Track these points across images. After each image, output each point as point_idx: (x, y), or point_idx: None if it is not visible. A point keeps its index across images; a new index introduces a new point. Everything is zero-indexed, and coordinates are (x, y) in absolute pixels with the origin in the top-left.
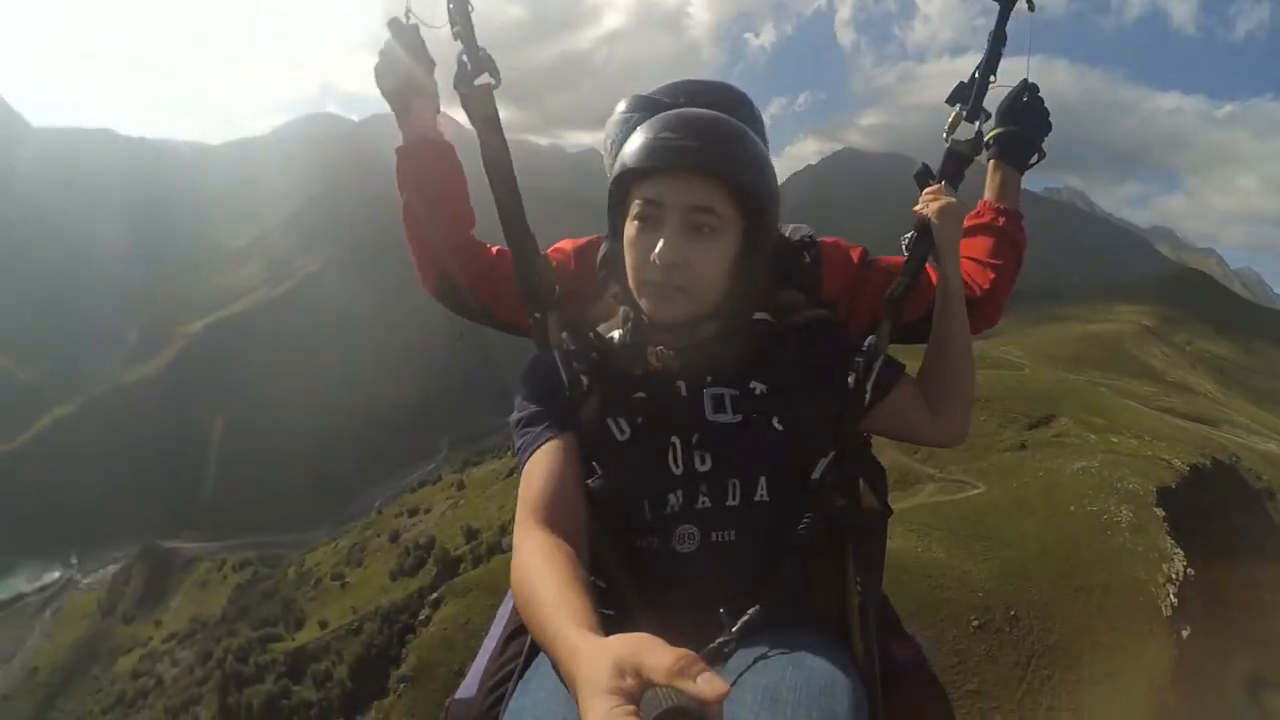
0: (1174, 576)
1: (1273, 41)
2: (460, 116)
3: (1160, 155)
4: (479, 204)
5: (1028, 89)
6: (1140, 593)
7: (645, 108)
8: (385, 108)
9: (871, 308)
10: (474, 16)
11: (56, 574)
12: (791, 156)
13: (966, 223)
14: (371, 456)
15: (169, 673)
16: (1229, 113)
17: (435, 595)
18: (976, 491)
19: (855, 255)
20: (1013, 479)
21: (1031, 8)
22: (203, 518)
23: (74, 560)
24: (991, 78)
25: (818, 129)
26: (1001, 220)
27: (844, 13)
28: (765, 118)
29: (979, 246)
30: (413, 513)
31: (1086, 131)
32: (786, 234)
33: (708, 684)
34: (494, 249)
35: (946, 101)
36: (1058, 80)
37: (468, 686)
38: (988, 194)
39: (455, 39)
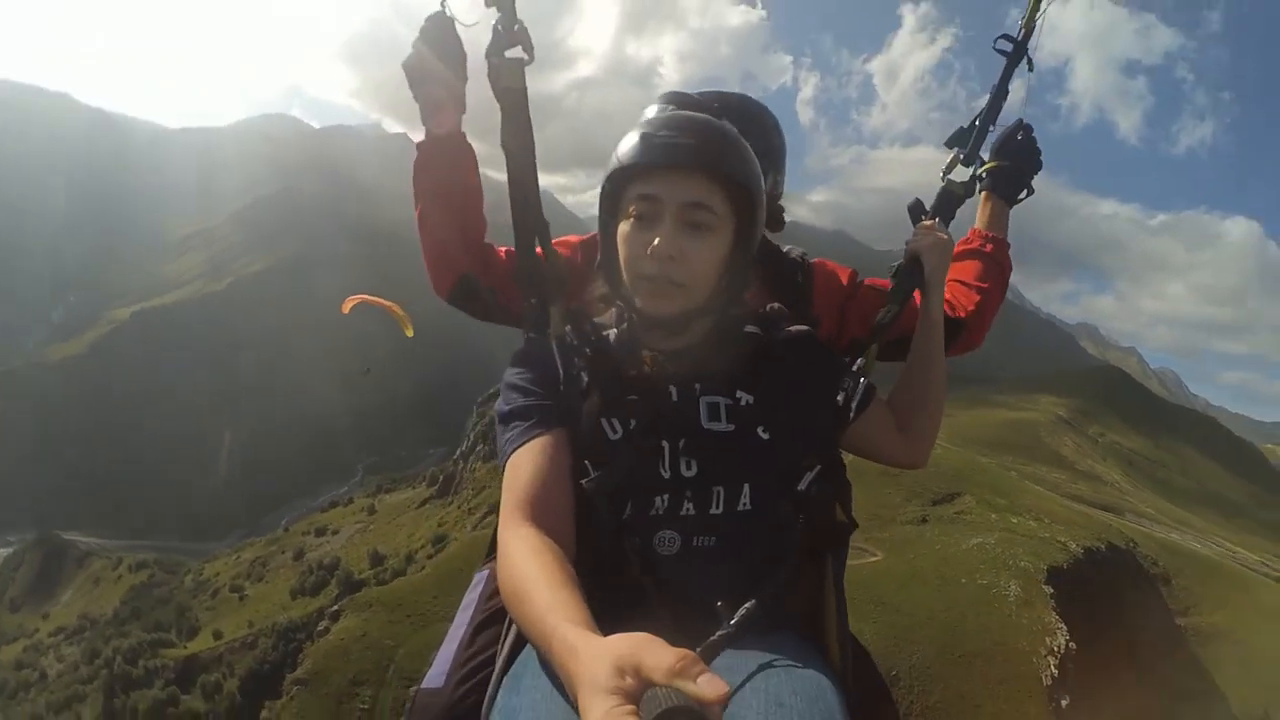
0: (1056, 649)
1: (1211, 158)
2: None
3: (1095, 257)
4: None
5: (1023, 128)
6: (1022, 663)
7: (678, 100)
8: (349, 119)
9: (857, 326)
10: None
11: None
12: None
13: (956, 249)
14: (285, 471)
15: (54, 667)
16: (1163, 222)
17: (335, 608)
18: (874, 559)
19: (844, 276)
20: (910, 550)
21: (1031, 68)
22: (104, 513)
23: None
24: (991, 126)
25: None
26: (990, 247)
27: (807, 92)
28: None
29: (967, 270)
30: (320, 532)
31: (1029, 230)
32: (785, 251)
33: (708, 684)
34: (503, 250)
35: (945, 144)
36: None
37: (434, 676)
38: (978, 223)
39: (489, 6)
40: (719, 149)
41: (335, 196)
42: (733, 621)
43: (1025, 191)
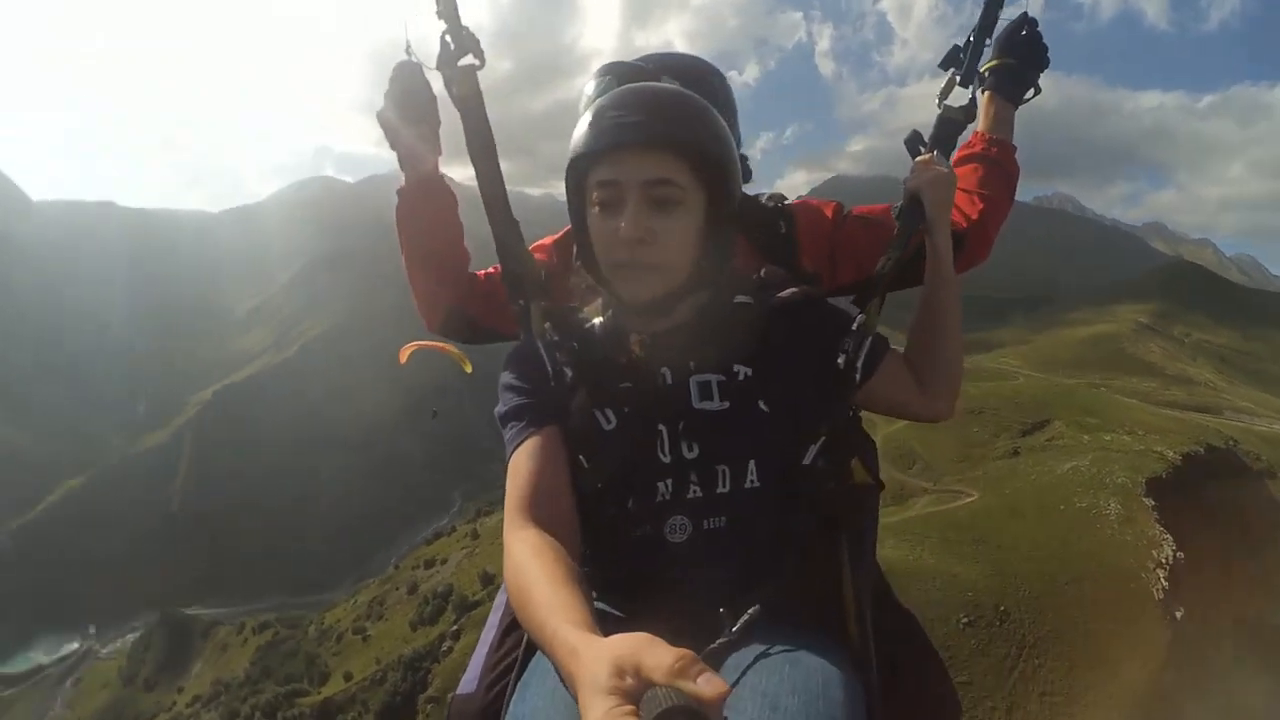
0: (1164, 561)
1: (1247, 28)
2: (457, 173)
3: (1146, 152)
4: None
5: (1026, 23)
6: (1131, 580)
7: (616, 71)
8: (381, 168)
9: (849, 265)
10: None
11: (75, 645)
12: (782, 189)
13: (958, 153)
14: (386, 514)
15: None
16: (1210, 103)
17: (455, 628)
18: (969, 500)
19: (829, 212)
20: (1005, 485)
21: None
22: (220, 583)
23: (92, 630)
24: (986, 41)
25: (807, 160)
26: (994, 150)
27: (823, 44)
28: (755, 153)
29: (968, 176)
30: (429, 564)
31: (1069, 137)
32: (762, 200)
33: (708, 684)
34: (482, 273)
35: (940, 66)
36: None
37: (468, 681)
38: (981, 125)
39: (439, 18)
40: (670, 118)
41: (381, 245)
42: (734, 629)
43: (1031, 90)
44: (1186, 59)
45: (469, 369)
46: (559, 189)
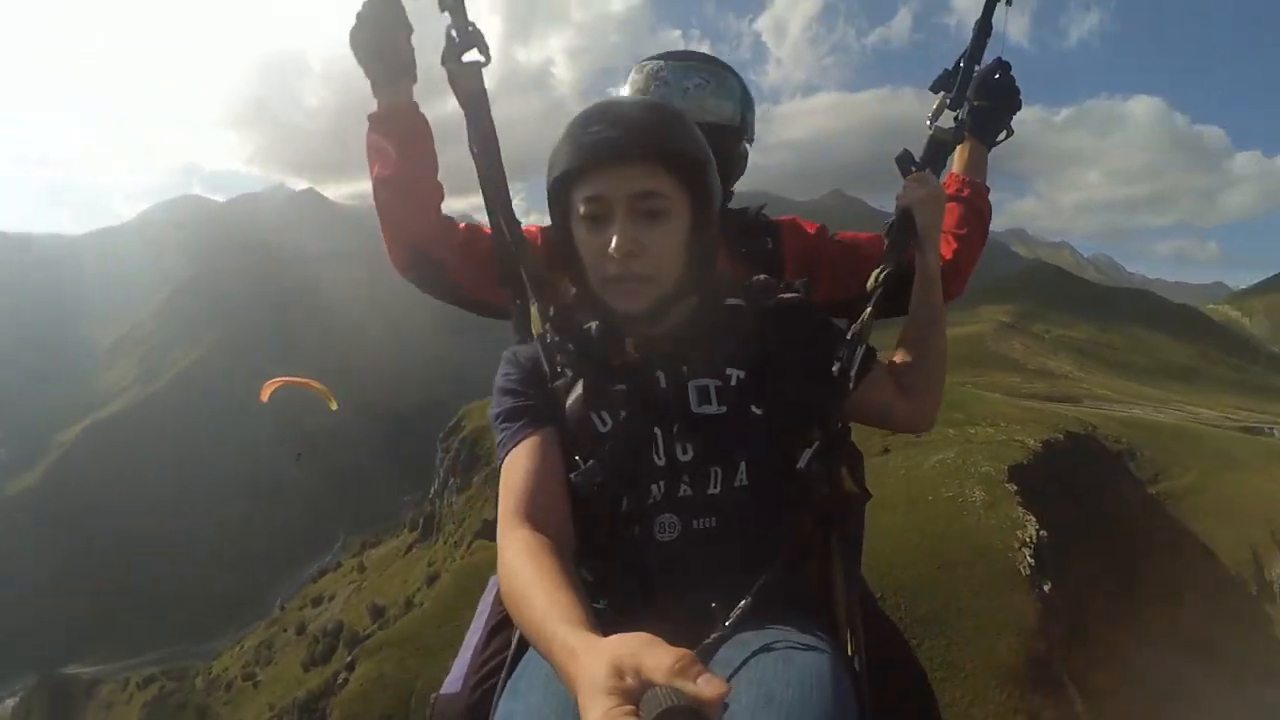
0: (1029, 540)
1: (1103, 44)
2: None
3: (1008, 164)
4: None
5: (1000, 67)
6: (998, 560)
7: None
8: (253, 187)
9: (827, 284)
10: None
11: None
12: None
13: None
14: (266, 554)
15: None
16: (1067, 116)
17: (350, 658)
18: None
19: (812, 231)
20: (876, 481)
21: (1009, 1)
22: (99, 637)
23: None
24: (976, 66)
25: None
26: (967, 191)
27: None
28: None
29: (946, 217)
30: (316, 602)
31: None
32: (751, 214)
33: (707, 684)
34: (463, 224)
35: (930, 89)
36: (906, 106)
37: (453, 681)
38: (956, 167)
39: (443, 11)
40: (650, 129)
41: (253, 267)
42: (727, 623)
43: (1004, 133)
44: (1046, 75)
45: (334, 406)
46: (462, 202)
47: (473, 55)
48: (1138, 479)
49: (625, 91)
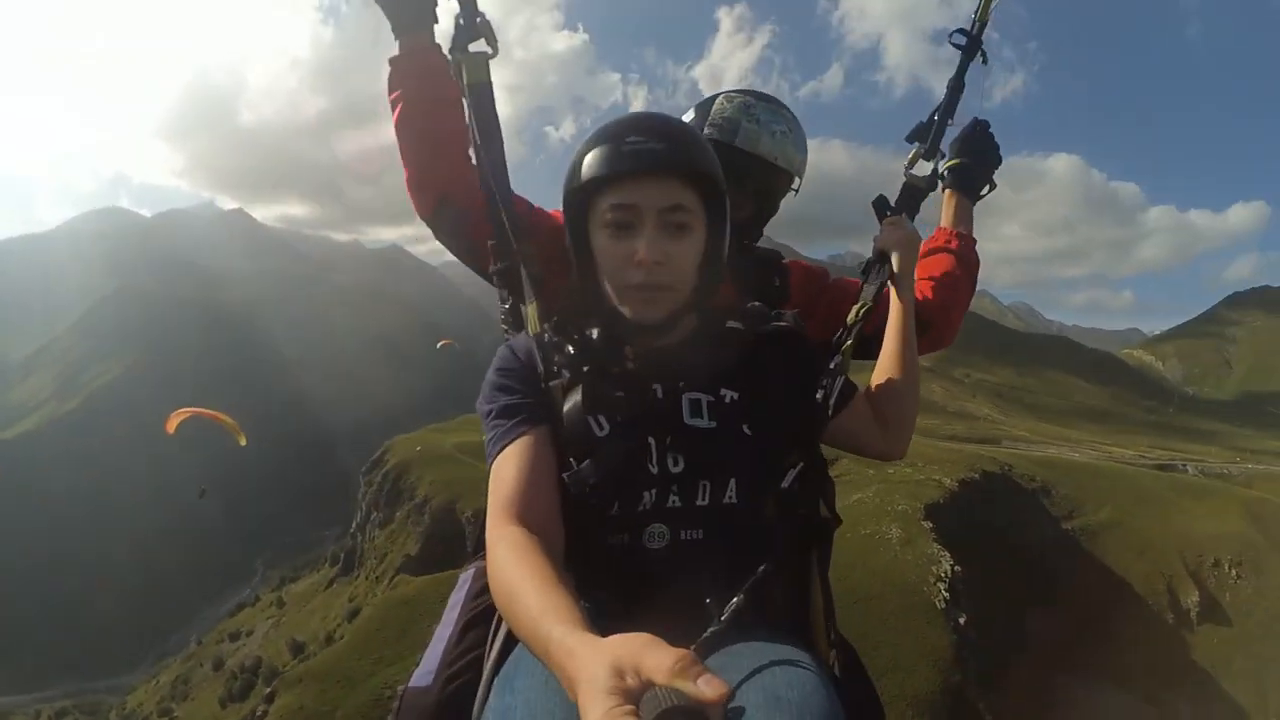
0: (943, 575)
1: (1025, 104)
2: None
3: (931, 215)
4: None
5: (979, 125)
6: (914, 594)
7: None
8: (181, 203)
9: (823, 325)
10: None
11: None
12: None
13: (923, 247)
14: (182, 585)
15: None
16: None
17: (269, 690)
18: None
19: (815, 275)
20: None
21: (985, 61)
22: (5, 667)
23: None
24: (950, 120)
25: None
26: (955, 243)
27: (637, 104)
28: None
29: (935, 268)
30: (234, 637)
31: (862, 200)
32: (762, 251)
33: (708, 685)
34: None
35: (906, 139)
36: (835, 158)
37: (423, 675)
38: (944, 221)
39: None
40: (688, 147)
41: (177, 285)
42: (722, 617)
43: (987, 187)
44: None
45: (243, 441)
46: (367, 234)
47: (480, 46)
48: (1053, 515)
49: (690, 117)
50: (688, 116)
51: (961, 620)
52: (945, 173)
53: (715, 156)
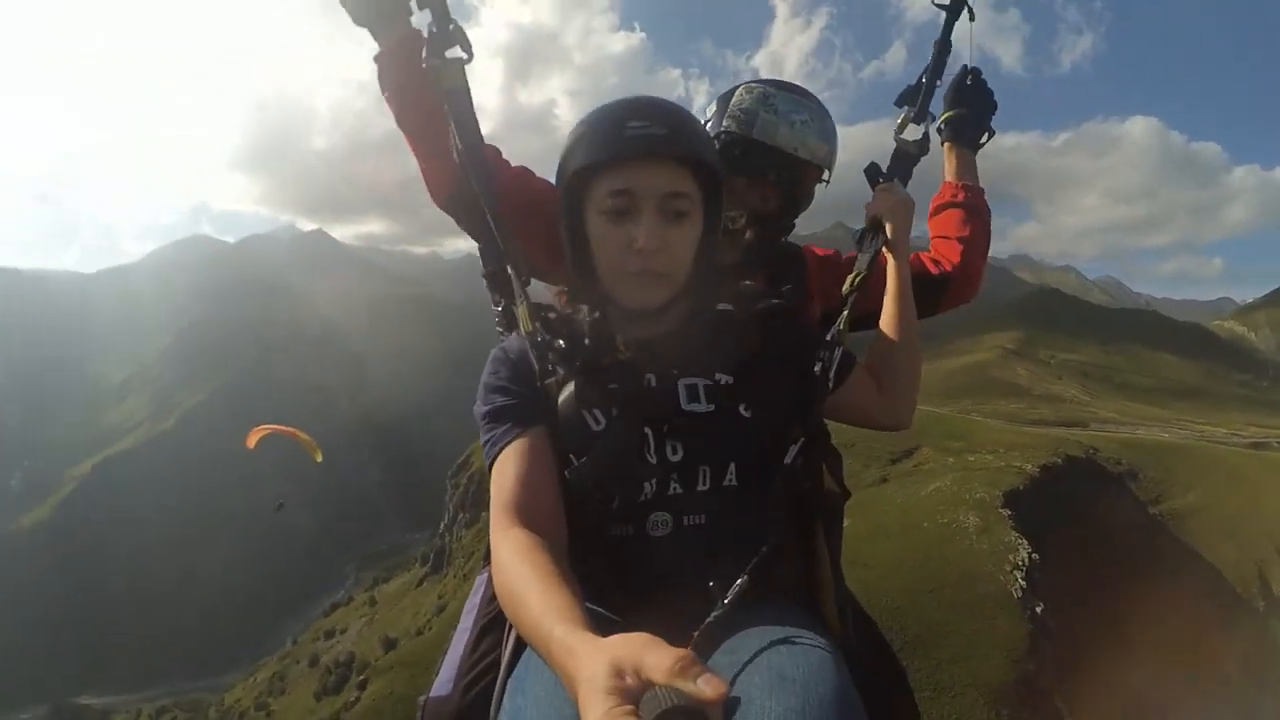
0: (1020, 564)
1: (1095, 68)
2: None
3: (1007, 189)
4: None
5: (970, 73)
6: (989, 583)
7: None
8: (261, 228)
9: (835, 299)
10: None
11: None
12: None
13: (932, 204)
14: (278, 589)
15: None
16: (1065, 140)
17: (362, 678)
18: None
19: (826, 254)
20: (873, 509)
21: (972, 17)
22: (110, 669)
23: None
24: (937, 81)
25: None
26: (963, 195)
27: (700, 99)
28: None
29: (946, 223)
30: (329, 635)
31: (933, 179)
32: (787, 244)
33: (708, 684)
34: (515, 166)
35: (895, 104)
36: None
37: (442, 684)
38: (947, 175)
39: (421, 9)
40: (689, 135)
41: (262, 308)
42: (725, 600)
43: (986, 135)
44: (1041, 100)
45: (319, 459)
46: (444, 246)
47: (455, 52)
48: (1139, 500)
49: (712, 109)
50: (711, 109)
51: (1038, 609)
52: (942, 126)
53: (714, 147)
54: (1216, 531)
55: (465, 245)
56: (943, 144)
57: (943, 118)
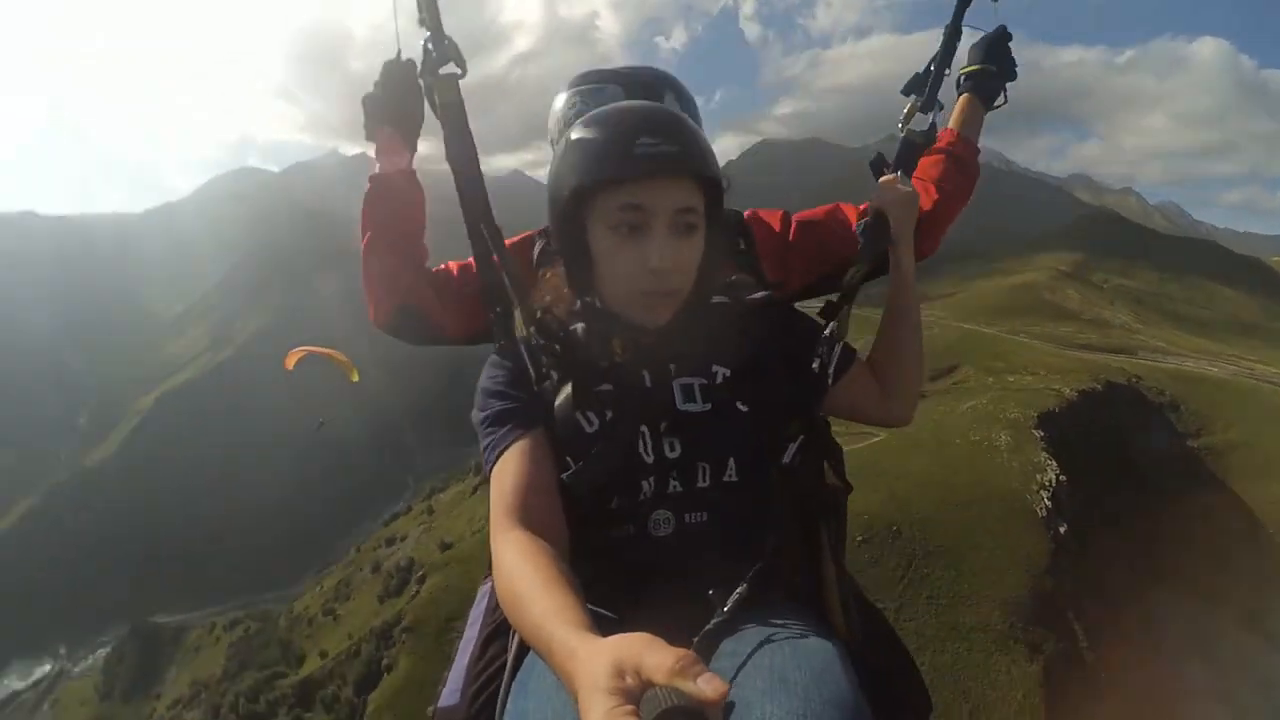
0: (1047, 484)
1: None
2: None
3: (1069, 106)
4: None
5: (1004, 32)
6: (1015, 500)
7: (588, 94)
8: (305, 155)
9: (803, 270)
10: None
11: (47, 667)
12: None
13: None
14: (341, 505)
15: None
16: (1130, 58)
17: (421, 573)
18: (875, 439)
19: (778, 224)
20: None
21: None
22: (185, 590)
23: (62, 651)
24: (946, 70)
25: (735, 124)
26: (959, 148)
27: (748, 8)
28: None
29: (931, 169)
30: (389, 543)
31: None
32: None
33: (708, 684)
34: (438, 268)
35: (901, 92)
36: (965, 47)
37: (450, 693)
38: (951, 122)
39: (421, 25)
40: (699, 150)
41: (312, 235)
42: (725, 608)
43: (1002, 97)
44: (1107, 14)
45: (355, 378)
46: (488, 164)
47: (449, 68)
48: (1179, 432)
49: (561, 118)
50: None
51: (1061, 529)
52: (963, 78)
53: (714, 154)
54: (1255, 469)
55: (509, 162)
56: (959, 95)
57: (966, 69)
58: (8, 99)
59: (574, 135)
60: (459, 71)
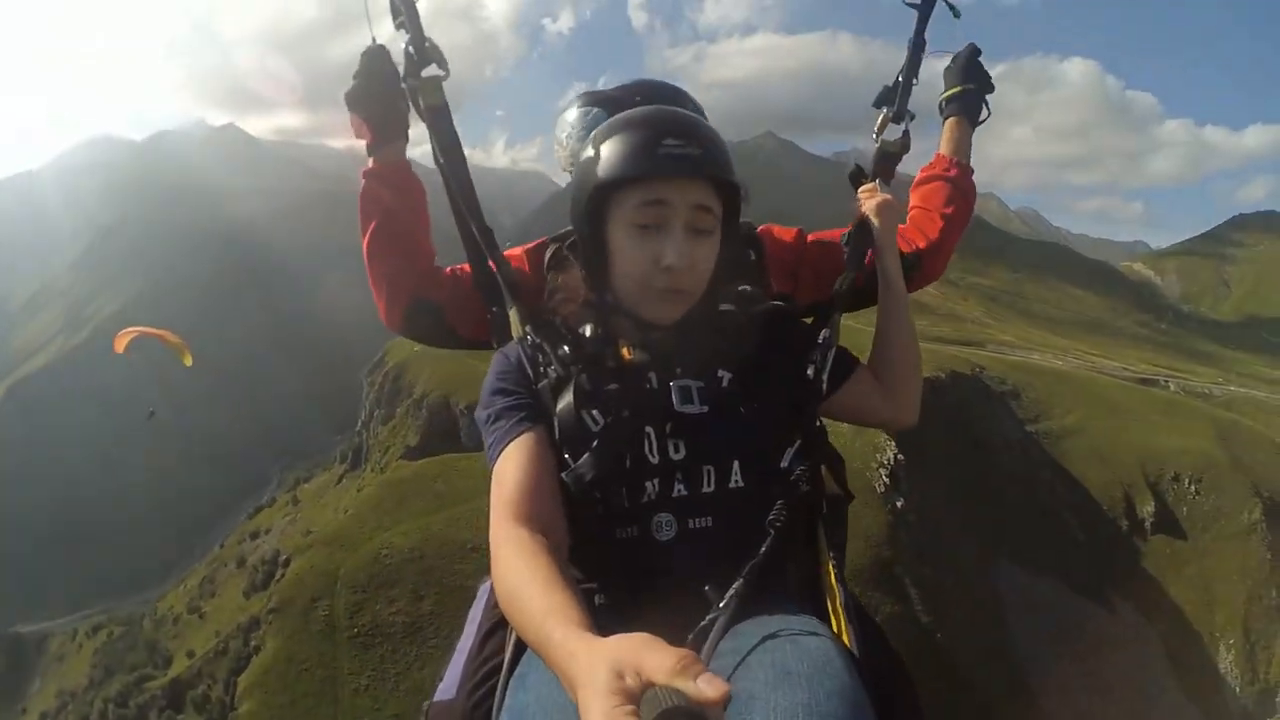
0: (885, 462)
1: (1043, 5)
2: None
3: (935, 116)
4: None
5: (974, 50)
6: (855, 478)
7: (605, 103)
8: (171, 124)
9: (810, 288)
10: (420, 10)
11: None
12: None
13: (920, 173)
14: (203, 500)
15: None
16: (1000, 72)
17: (285, 557)
18: None
19: (791, 239)
20: None
21: (956, 14)
22: (43, 595)
23: None
24: (915, 80)
25: None
26: (954, 172)
27: None
28: (568, 102)
29: (931, 196)
30: (254, 536)
31: (868, 97)
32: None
33: (708, 684)
34: (447, 269)
35: (873, 105)
36: (843, 52)
37: (446, 689)
38: (943, 148)
39: (398, 29)
40: (721, 154)
41: (177, 210)
42: (721, 604)
43: (985, 112)
44: (983, 28)
45: (189, 362)
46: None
47: (432, 70)
48: (1019, 418)
49: (568, 125)
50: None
51: (899, 504)
52: (944, 103)
53: (733, 159)
54: (1089, 454)
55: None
56: (944, 119)
57: (947, 93)
58: None
59: (602, 136)
60: (442, 73)
